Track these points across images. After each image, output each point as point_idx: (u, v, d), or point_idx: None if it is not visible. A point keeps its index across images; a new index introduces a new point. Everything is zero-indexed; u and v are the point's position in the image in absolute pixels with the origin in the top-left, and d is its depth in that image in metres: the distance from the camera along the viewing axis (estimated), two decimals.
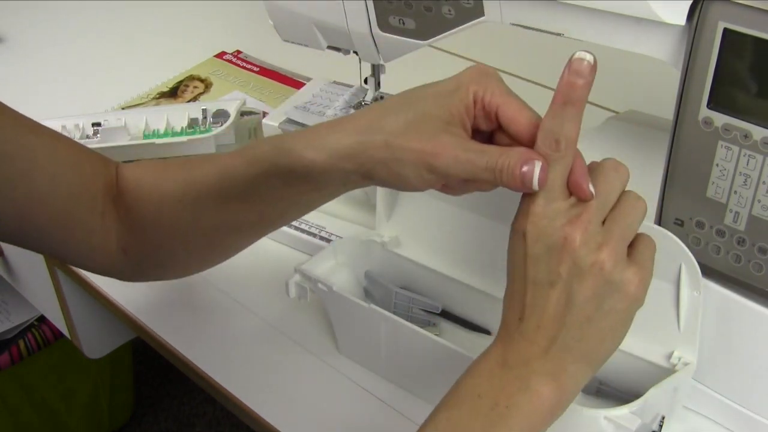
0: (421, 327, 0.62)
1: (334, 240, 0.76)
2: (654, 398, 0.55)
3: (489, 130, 0.53)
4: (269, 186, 0.57)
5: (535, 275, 0.49)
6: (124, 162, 0.66)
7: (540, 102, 0.96)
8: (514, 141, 0.52)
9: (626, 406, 0.54)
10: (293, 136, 0.56)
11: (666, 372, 0.59)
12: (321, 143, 0.54)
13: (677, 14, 0.52)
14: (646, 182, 0.65)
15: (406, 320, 0.63)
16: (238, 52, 1.13)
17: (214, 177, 0.60)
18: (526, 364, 0.49)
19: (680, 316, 0.59)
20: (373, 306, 0.63)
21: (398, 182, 0.53)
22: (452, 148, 0.50)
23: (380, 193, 0.72)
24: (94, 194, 0.63)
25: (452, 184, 0.54)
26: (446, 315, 0.72)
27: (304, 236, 0.80)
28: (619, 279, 0.48)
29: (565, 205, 0.49)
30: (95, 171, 0.64)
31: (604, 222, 0.49)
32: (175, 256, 0.66)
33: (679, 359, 0.60)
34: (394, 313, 0.65)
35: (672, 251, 0.57)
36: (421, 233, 0.71)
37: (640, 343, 0.61)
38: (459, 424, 0.49)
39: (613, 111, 0.96)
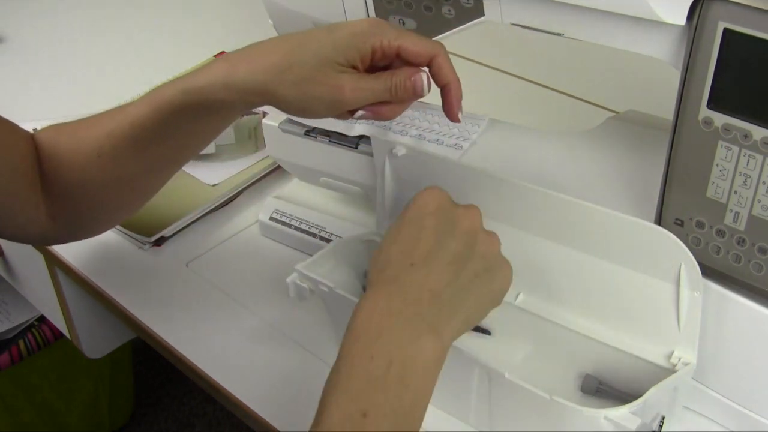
0: None
1: (334, 240, 0.76)
2: (654, 398, 0.55)
3: (388, 67, 0.60)
4: (180, 126, 0.63)
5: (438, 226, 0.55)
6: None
7: (540, 102, 0.96)
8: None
9: (626, 406, 0.54)
10: (199, 75, 0.60)
11: (666, 372, 0.59)
12: (230, 81, 0.58)
13: (677, 14, 0.52)
14: (646, 182, 0.65)
15: None
16: None
17: (127, 127, 0.63)
18: (416, 314, 0.51)
19: (680, 316, 0.59)
20: None
21: (303, 112, 0.60)
22: (353, 83, 0.57)
23: (380, 193, 0.72)
24: (27, 165, 0.65)
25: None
26: None
27: (304, 236, 0.80)
28: (498, 266, 0.56)
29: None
30: (26, 144, 0.66)
31: None
32: (102, 210, 0.69)
33: (679, 359, 0.60)
34: None
35: (672, 251, 0.57)
36: None
37: (639, 343, 0.61)
38: (359, 396, 0.49)
39: (613, 111, 0.96)
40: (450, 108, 0.60)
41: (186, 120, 0.62)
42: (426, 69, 0.58)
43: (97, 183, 0.65)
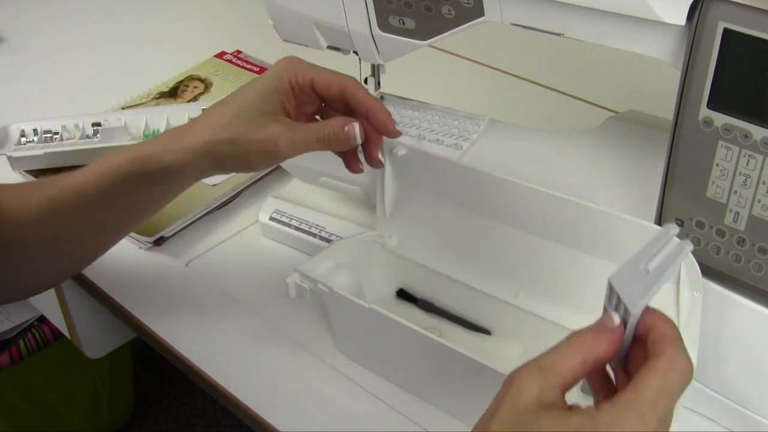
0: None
1: (334, 240, 0.76)
2: None
3: (315, 110, 0.65)
4: (126, 192, 0.64)
5: None
6: None
7: (540, 102, 0.96)
8: (335, 107, 0.64)
9: None
10: (148, 144, 0.63)
11: None
12: (176, 146, 0.62)
13: (677, 14, 0.52)
14: (646, 182, 0.65)
15: None
16: (238, 52, 1.13)
17: (71, 192, 0.64)
18: None
19: (680, 316, 0.59)
20: (373, 306, 0.63)
21: (245, 168, 0.65)
22: (285, 134, 0.60)
23: (380, 194, 0.72)
24: None
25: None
26: (446, 315, 0.72)
27: (304, 236, 0.80)
28: None
29: None
30: None
31: None
32: (36, 273, 0.68)
33: None
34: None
35: None
36: (420, 233, 0.71)
37: None
38: None
39: (613, 111, 0.96)
40: (384, 129, 0.62)
41: (132, 188, 0.63)
42: (356, 122, 0.61)
43: (34, 243, 0.65)
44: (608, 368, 0.45)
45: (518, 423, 0.41)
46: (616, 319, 0.44)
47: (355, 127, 0.61)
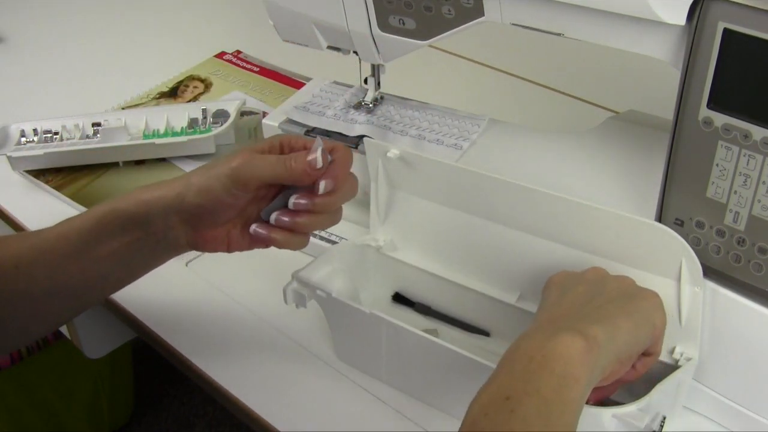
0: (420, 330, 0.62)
1: (330, 246, 0.76)
2: (658, 395, 0.55)
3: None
4: (98, 242, 0.62)
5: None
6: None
7: (540, 102, 0.96)
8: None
9: (634, 403, 0.54)
10: (124, 197, 0.63)
11: (668, 368, 0.59)
12: (146, 196, 0.61)
13: (677, 14, 0.52)
14: (646, 182, 0.65)
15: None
16: (238, 52, 1.13)
17: (52, 239, 0.63)
18: (551, 323, 0.53)
19: (681, 312, 0.59)
20: (374, 311, 0.63)
21: (210, 203, 0.61)
22: (248, 153, 0.61)
23: (374, 197, 0.72)
24: None
25: (257, 193, 0.63)
26: (444, 318, 0.72)
27: None
28: (637, 287, 0.58)
29: None
30: None
31: None
32: (5, 328, 0.66)
33: (681, 354, 0.60)
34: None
35: (673, 248, 0.57)
36: (416, 236, 0.71)
37: None
38: (501, 386, 0.49)
39: (613, 111, 0.96)
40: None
41: (102, 236, 0.62)
42: (318, 143, 0.60)
43: (5, 296, 0.63)
44: None
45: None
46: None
47: (318, 152, 0.60)
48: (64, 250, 0.62)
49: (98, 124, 0.93)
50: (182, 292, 0.78)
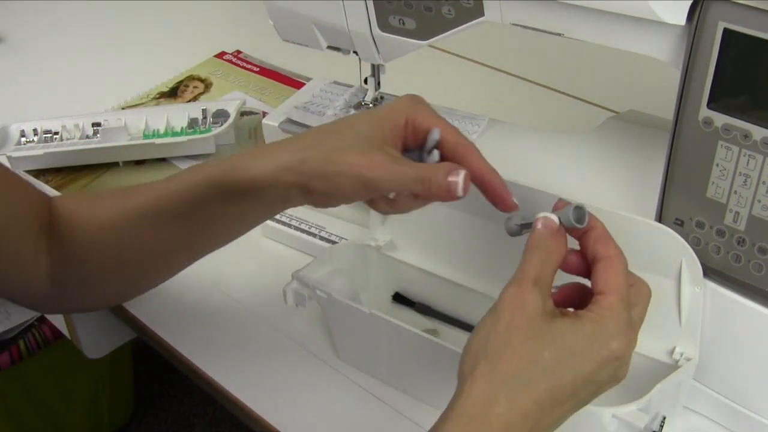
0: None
1: (329, 246, 0.76)
2: (658, 395, 0.55)
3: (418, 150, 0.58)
4: (208, 206, 0.60)
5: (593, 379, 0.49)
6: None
7: (540, 102, 0.96)
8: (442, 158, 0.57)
9: (633, 403, 0.54)
10: (236, 157, 0.59)
11: (668, 368, 0.59)
12: (265, 158, 0.57)
13: (677, 14, 0.52)
14: (646, 182, 0.65)
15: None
16: (238, 52, 1.13)
17: (152, 200, 0.61)
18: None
19: (681, 312, 0.59)
20: (374, 311, 0.63)
21: (334, 193, 0.56)
22: (386, 163, 0.54)
23: None
24: (27, 224, 0.63)
25: (382, 199, 0.58)
26: (444, 318, 0.72)
27: (304, 236, 0.80)
28: (623, 366, 0.50)
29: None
30: (30, 201, 0.64)
31: None
32: (109, 284, 0.67)
33: (681, 354, 0.60)
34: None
35: (673, 248, 0.57)
36: (415, 236, 0.71)
37: (641, 340, 0.61)
38: None
39: (613, 111, 0.96)
40: (499, 200, 0.56)
41: (214, 201, 0.59)
42: (464, 170, 0.54)
43: (109, 253, 0.64)
44: None
45: (538, 334, 0.48)
46: (556, 219, 0.52)
47: (460, 180, 0.53)
48: (168, 211, 0.61)
49: (98, 124, 0.93)
50: (182, 292, 0.78)
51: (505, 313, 0.48)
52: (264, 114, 0.97)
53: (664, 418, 0.59)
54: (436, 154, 0.57)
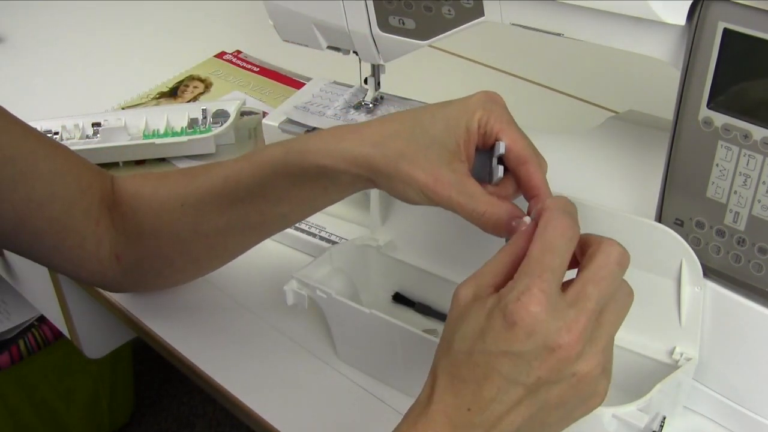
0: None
1: (330, 246, 0.76)
2: (658, 395, 0.55)
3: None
4: (276, 187, 0.59)
5: (510, 372, 0.44)
6: (121, 170, 0.67)
7: (540, 102, 0.96)
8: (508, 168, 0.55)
9: (633, 403, 0.54)
10: (306, 139, 0.59)
11: (668, 368, 0.59)
12: (335, 148, 0.56)
13: (677, 14, 0.52)
14: (646, 182, 0.65)
15: None
16: (238, 52, 1.13)
17: (219, 180, 0.61)
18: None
19: (681, 312, 0.59)
20: (374, 311, 0.63)
21: (400, 196, 0.56)
22: (449, 187, 0.53)
23: (374, 197, 0.71)
24: (89, 202, 0.64)
25: None
26: (444, 317, 0.71)
27: (304, 236, 0.80)
28: (593, 390, 0.46)
29: (564, 302, 0.44)
30: (92, 180, 0.65)
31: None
32: (173, 263, 0.68)
33: (681, 355, 0.60)
34: None
35: (673, 248, 0.57)
36: (415, 236, 0.71)
37: (641, 340, 0.61)
38: None
39: (613, 111, 0.96)
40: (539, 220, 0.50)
41: (283, 182, 0.59)
42: (528, 219, 0.52)
43: (173, 233, 0.64)
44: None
45: (457, 320, 0.46)
46: (527, 220, 0.51)
47: (522, 227, 0.51)
48: (235, 192, 0.61)
49: (98, 124, 0.93)
50: (182, 292, 0.78)
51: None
52: (264, 114, 0.97)
53: (664, 418, 0.59)
54: (500, 170, 0.55)
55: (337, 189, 0.60)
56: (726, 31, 0.49)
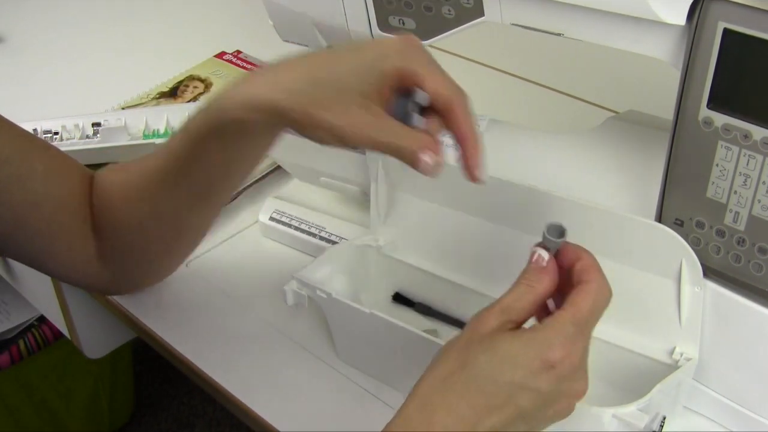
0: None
1: (330, 246, 0.76)
2: (658, 395, 0.55)
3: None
4: (209, 150, 0.59)
5: (527, 406, 0.48)
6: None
7: (540, 102, 0.96)
8: (436, 111, 0.54)
9: (633, 403, 0.54)
10: (222, 94, 0.56)
11: (668, 368, 0.59)
12: (247, 99, 0.54)
13: (677, 14, 0.52)
14: (646, 182, 0.65)
15: None
16: (238, 52, 1.13)
17: (162, 159, 0.61)
18: None
19: (681, 312, 0.59)
20: (374, 311, 0.63)
21: (318, 141, 0.54)
22: (361, 125, 0.52)
23: (374, 196, 0.71)
24: (78, 201, 0.64)
25: None
26: (444, 318, 0.72)
27: (304, 236, 0.80)
28: (577, 390, 0.51)
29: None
30: (78, 178, 0.65)
31: None
32: (146, 253, 0.67)
33: (681, 355, 0.60)
34: None
35: (673, 248, 0.57)
36: (416, 236, 0.71)
37: (641, 340, 0.61)
38: None
39: (613, 111, 0.96)
40: (467, 171, 0.54)
41: (213, 145, 0.59)
42: (546, 254, 0.52)
43: (137, 222, 0.64)
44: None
45: (477, 341, 0.49)
46: (546, 256, 0.52)
47: (431, 159, 0.51)
48: (175, 167, 0.61)
49: (98, 124, 0.93)
50: (182, 292, 0.78)
51: (464, 331, 0.50)
52: None
53: (664, 418, 0.59)
54: (414, 117, 0.53)
55: (264, 137, 0.60)
56: (726, 31, 0.49)
